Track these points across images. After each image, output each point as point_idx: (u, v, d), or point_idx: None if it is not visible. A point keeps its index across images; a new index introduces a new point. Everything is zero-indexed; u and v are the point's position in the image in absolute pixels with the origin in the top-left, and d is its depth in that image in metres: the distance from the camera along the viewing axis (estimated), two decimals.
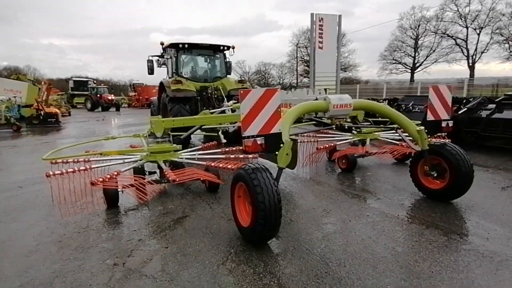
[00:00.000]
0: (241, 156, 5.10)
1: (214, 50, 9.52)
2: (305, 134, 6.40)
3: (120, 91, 43.68)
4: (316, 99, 4.08)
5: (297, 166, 5.88)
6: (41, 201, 4.45)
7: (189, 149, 5.46)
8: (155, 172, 4.80)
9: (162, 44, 9.05)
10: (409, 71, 44.18)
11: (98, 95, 29.98)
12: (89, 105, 30.48)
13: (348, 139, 6.22)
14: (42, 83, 17.58)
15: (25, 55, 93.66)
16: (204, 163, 4.57)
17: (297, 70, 49.44)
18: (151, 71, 9.72)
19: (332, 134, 6.61)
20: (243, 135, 3.05)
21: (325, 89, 17.99)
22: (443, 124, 4.12)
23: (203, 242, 3.18)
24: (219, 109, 6.71)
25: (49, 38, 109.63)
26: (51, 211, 4.07)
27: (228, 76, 9.95)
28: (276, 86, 9.67)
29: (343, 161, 5.91)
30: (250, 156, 4.79)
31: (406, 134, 4.19)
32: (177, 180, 3.75)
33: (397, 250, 2.97)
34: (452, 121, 4.19)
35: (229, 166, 4.12)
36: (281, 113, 3.65)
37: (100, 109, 29.77)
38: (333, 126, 4.08)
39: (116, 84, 58.38)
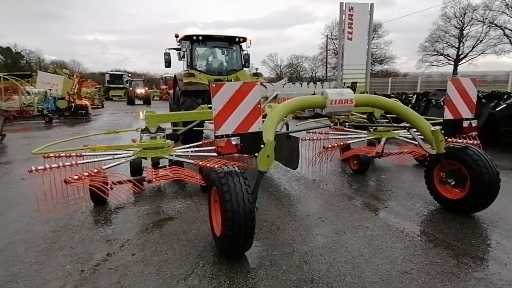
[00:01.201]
0: (236, 155, 4.78)
1: (229, 42, 9.20)
2: (317, 131, 5.93)
3: (155, 84, 44.87)
4: (314, 94, 3.63)
5: (305, 166, 5.57)
6: (35, 196, 4.42)
7: (187, 146, 5.22)
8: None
9: (176, 36, 8.88)
10: (452, 63, 41.22)
11: (131, 88, 30.83)
12: (126, 98, 31.40)
13: (361, 137, 5.68)
14: (74, 76, 18.25)
15: (71, 51, 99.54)
16: (192, 161, 4.29)
17: (326, 63, 47.91)
18: (168, 63, 9.59)
19: (346, 132, 6.10)
20: (216, 134, 2.72)
21: (353, 83, 17.19)
22: (465, 124, 3.51)
23: (174, 250, 2.90)
24: None
25: (94, 34, 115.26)
26: (46, 206, 3.99)
27: (245, 69, 9.60)
28: (283, 78, 9.10)
29: (355, 161, 5.40)
30: (245, 155, 4.47)
31: (420, 134, 3.64)
32: (153, 180, 3.50)
33: (390, 274, 2.50)
34: (476, 121, 3.57)
35: (216, 166, 3.81)
36: (268, 109, 3.28)
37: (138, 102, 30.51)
38: (334, 122, 3.61)
39: (152, 77, 60.00)
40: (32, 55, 63.58)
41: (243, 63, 9.45)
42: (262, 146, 2.84)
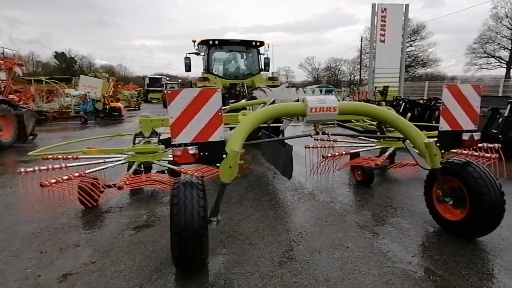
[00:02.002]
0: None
1: (246, 46, 9.12)
2: (325, 138, 5.62)
3: (190, 87, 46.18)
4: (298, 101, 3.39)
5: (309, 176, 5.31)
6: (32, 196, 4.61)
7: None
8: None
9: (194, 41, 8.98)
10: (505, 66, 37.94)
11: (165, 91, 31.94)
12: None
13: (368, 147, 5.29)
14: (110, 79, 19.22)
15: (120, 55, 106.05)
16: (175, 168, 4.22)
17: (360, 65, 46.29)
18: (188, 68, 9.72)
19: (355, 141, 5.73)
20: (173, 143, 2.61)
21: (385, 87, 16.38)
22: (465, 137, 3.09)
23: (134, 261, 2.83)
24: (227, 107, 6.31)
25: (140, 40, 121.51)
26: (31, 206, 4.15)
27: (262, 73, 9.46)
28: (286, 84, 8.77)
29: (359, 172, 5.04)
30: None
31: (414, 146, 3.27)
32: (125, 186, 3.47)
33: None
34: (479, 133, 3.13)
35: (196, 174, 3.71)
36: (242, 118, 3.12)
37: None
38: (317, 132, 3.34)
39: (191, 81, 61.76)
40: (84, 59, 68.34)
41: (260, 67, 9.32)
42: (224, 156, 2.68)
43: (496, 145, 4.71)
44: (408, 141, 3.33)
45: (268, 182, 5.22)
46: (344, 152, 4.93)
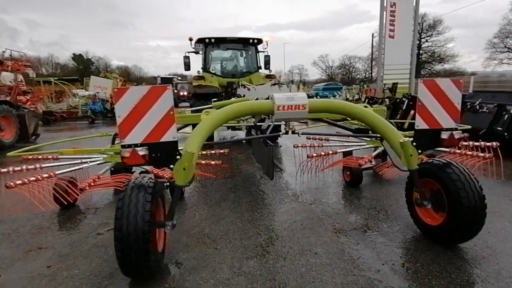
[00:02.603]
0: (213, 162, 4.51)
1: (243, 44, 8.96)
2: (317, 137, 5.42)
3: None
4: (268, 98, 3.23)
5: (295, 176, 5.14)
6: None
7: None
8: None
9: (191, 40, 8.88)
10: None
11: (175, 91, 32.18)
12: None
13: (359, 145, 5.05)
14: (118, 80, 19.46)
15: (136, 56, 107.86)
16: (148, 168, 4.12)
17: (371, 62, 45.28)
18: (187, 67, 9.63)
19: (347, 139, 5.50)
20: (122, 144, 2.50)
21: (394, 84, 15.92)
22: (444, 135, 2.85)
23: (89, 265, 2.74)
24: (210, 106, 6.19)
25: (156, 40, 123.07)
26: (11, 206, 4.14)
27: (261, 70, 9.29)
28: (275, 79, 8.46)
29: (348, 173, 4.83)
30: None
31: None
32: (87, 188, 3.39)
33: None
34: (459, 131, 2.88)
35: (166, 175, 3.58)
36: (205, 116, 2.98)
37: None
38: (286, 131, 3.18)
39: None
40: (101, 60, 69.90)
41: (259, 65, 9.15)
42: (178, 157, 2.56)
43: (494, 143, 4.41)
44: (385, 140, 3.12)
45: (254, 183, 5.06)
46: (331, 152, 4.72)
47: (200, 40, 8.70)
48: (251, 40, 8.79)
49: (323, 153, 4.64)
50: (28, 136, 9.29)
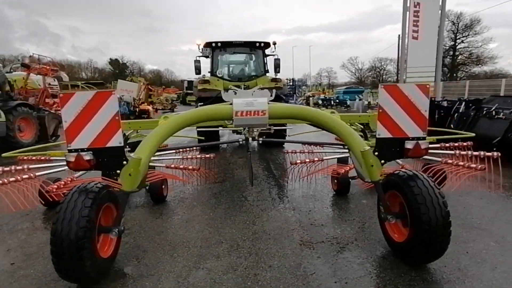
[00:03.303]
0: (190, 167, 4.50)
1: (250, 48, 8.92)
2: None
3: None
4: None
5: (284, 183, 5.02)
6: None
7: None
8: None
9: (198, 44, 8.98)
10: None
11: None
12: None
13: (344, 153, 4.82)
14: (141, 83, 20.13)
15: (169, 60, 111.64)
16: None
17: (398, 65, 43.51)
18: (198, 71, 9.73)
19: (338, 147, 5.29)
20: (68, 148, 2.53)
21: None
22: (409, 145, 2.62)
23: (45, 266, 2.79)
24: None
25: (188, 45, 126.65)
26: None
27: (270, 74, 9.20)
28: (281, 82, 8.08)
29: (335, 181, 4.62)
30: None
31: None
32: (54, 191, 3.46)
33: None
34: (426, 141, 2.65)
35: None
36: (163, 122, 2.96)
37: None
38: (246, 138, 3.09)
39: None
40: (135, 65, 72.96)
41: (266, 69, 9.07)
42: (125, 162, 2.55)
43: (495, 154, 4.06)
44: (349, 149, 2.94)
45: (241, 189, 4.98)
46: (316, 159, 4.55)
47: (208, 44, 8.78)
48: (257, 44, 8.73)
49: (307, 160, 4.50)
50: (47, 137, 9.80)
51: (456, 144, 4.73)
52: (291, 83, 23.39)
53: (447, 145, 4.72)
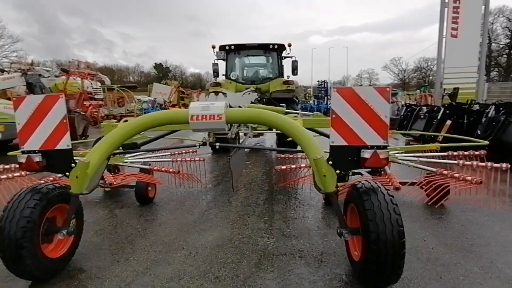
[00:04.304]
0: (171, 170, 4.50)
1: (264, 50, 8.81)
2: None
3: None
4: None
5: (272, 190, 4.85)
6: None
7: (139, 154, 5.21)
8: None
9: (213, 47, 9.04)
10: None
11: None
12: None
13: None
14: (172, 85, 20.81)
15: (211, 64, 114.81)
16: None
17: (438, 63, 40.44)
18: (216, 73, 9.86)
19: None
20: (22, 150, 2.62)
21: (455, 89, 14.25)
22: (366, 154, 2.35)
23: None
24: None
25: None
26: None
27: (283, 76, 9.03)
28: (292, 85, 7.79)
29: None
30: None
31: None
32: None
33: None
34: (387, 151, 2.36)
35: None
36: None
37: None
38: (203, 142, 3.00)
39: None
40: (177, 69, 76.12)
41: (280, 71, 8.92)
42: (73, 165, 2.59)
43: (504, 165, 3.61)
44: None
45: (231, 193, 4.89)
46: (304, 165, 4.34)
47: (222, 48, 8.82)
48: (271, 46, 8.60)
49: (293, 166, 4.33)
50: (76, 136, 10.45)
51: (466, 153, 4.27)
52: (322, 86, 22.84)
53: (455, 154, 4.28)
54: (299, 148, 2.87)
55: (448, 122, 7.24)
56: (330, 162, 2.41)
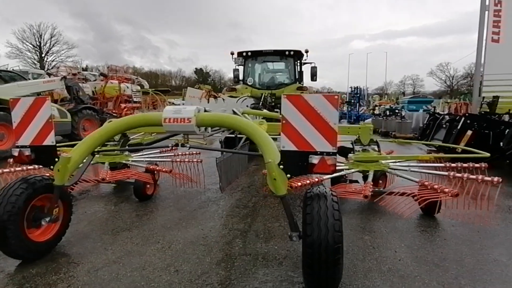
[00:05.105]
0: (164, 169, 4.78)
1: (280, 56, 8.94)
2: None
3: None
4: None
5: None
6: None
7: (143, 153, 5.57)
8: None
9: (232, 54, 9.33)
10: None
11: None
12: None
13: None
14: (204, 90, 21.47)
15: None
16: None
17: (476, 70, 37.33)
18: (236, 79, 10.16)
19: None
20: (16, 145, 2.99)
21: (495, 97, 13.40)
22: (314, 160, 2.40)
23: None
24: None
25: None
26: None
27: (301, 82, 9.09)
28: (306, 91, 7.65)
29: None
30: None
31: None
32: None
33: None
34: (334, 157, 2.39)
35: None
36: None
37: None
38: (176, 144, 3.20)
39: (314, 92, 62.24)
40: (216, 73, 78.46)
41: (297, 77, 8.98)
42: (57, 160, 2.91)
43: (495, 179, 3.45)
44: None
45: (226, 195, 5.04)
46: None
47: (240, 54, 9.08)
48: (287, 52, 8.70)
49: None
50: None
51: (465, 165, 4.10)
52: (355, 92, 22.32)
53: (454, 165, 4.12)
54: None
55: (469, 132, 6.83)
56: (281, 166, 2.49)
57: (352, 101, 22.48)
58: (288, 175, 2.50)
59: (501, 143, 6.37)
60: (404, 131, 12.27)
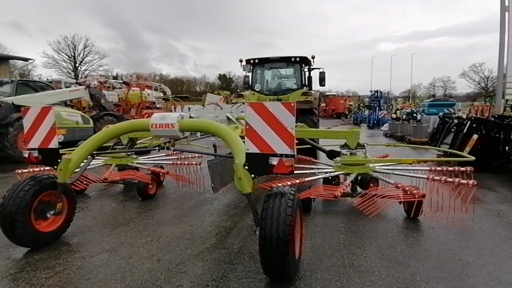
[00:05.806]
0: (158, 170, 5.14)
1: (286, 63, 9.19)
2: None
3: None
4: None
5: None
6: None
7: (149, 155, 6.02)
8: None
9: (240, 61, 9.67)
10: None
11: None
12: None
13: (324, 171, 4.71)
14: (222, 95, 22.04)
15: None
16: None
17: (499, 71, 35.12)
18: (247, 85, 10.50)
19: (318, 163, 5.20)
20: (27, 148, 3.46)
21: (508, 101, 12.98)
22: (273, 161, 2.66)
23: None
24: None
25: None
26: None
27: (309, 88, 9.29)
28: (310, 96, 7.62)
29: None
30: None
31: None
32: None
33: None
34: (292, 159, 2.63)
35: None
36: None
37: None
38: (161, 147, 3.57)
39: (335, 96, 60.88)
40: (240, 79, 79.59)
41: (303, 83, 9.19)
42: (59, 160, 3.35)
43: (471, 182, 3.55)
44: None
45: (217, 197, 5.34)
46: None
47: (248, 61, 9.42)
48: (293, 59, 8.94)
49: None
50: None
51: (451, 169, 4.19)
52: (375, 95, 22.01)
53: (439, 168, 4.22)
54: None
55: (475, 136, 6.74)
56: (246, 167, 2.77)
57: (372, 104, 22.19)
58: (253, 175, 2.77)
59: (507, 148, 6.26)
60: (420, 135, 12.05)
